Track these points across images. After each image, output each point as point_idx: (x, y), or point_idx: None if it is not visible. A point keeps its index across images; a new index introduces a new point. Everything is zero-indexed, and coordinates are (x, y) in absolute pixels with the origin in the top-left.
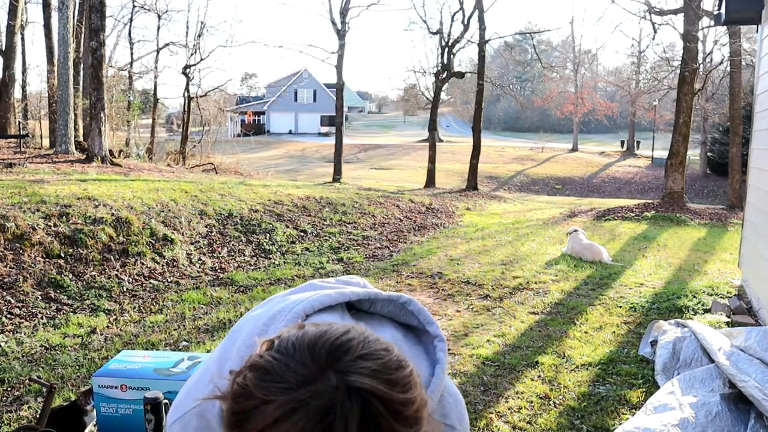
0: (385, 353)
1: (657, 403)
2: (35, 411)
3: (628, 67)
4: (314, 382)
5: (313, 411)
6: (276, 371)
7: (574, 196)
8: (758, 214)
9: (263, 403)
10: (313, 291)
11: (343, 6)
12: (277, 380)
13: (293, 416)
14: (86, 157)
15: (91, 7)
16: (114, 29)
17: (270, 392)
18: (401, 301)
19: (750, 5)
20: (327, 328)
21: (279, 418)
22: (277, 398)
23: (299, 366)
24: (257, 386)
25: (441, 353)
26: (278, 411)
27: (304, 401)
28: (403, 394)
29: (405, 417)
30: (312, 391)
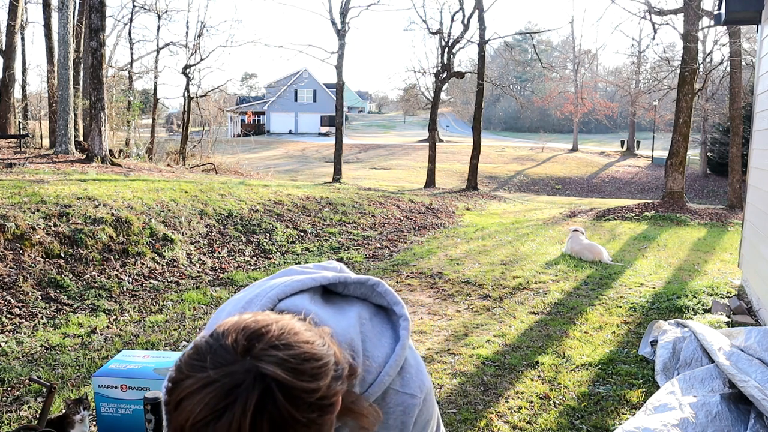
0: (302, 345)
1: (657, 403)
2: (35, 411)
3: (628, 67)
4: (230, 365)
5: (221, 389)
6: (203, 352)
7: (574, 196)
8: (758, 214)
9: (185, 378)
10: (289, 276)
11: (343, 6)
12: (201, 360)
13: (203, 390)
14: (86, 157)
15: (91, 7)
16: (114, 29)
17: (192, 369)
18: (370, 283)
19: (750, 5)
20: (258, 318)
21: (192, 392)
22: (195, 375)
23: (222, 349)
24: (186, 363)
25: (404, 331)
26: (193, 386)
27: (216, 380)
28: (307, 383)
29: (306, 403)
30: (225, 372)
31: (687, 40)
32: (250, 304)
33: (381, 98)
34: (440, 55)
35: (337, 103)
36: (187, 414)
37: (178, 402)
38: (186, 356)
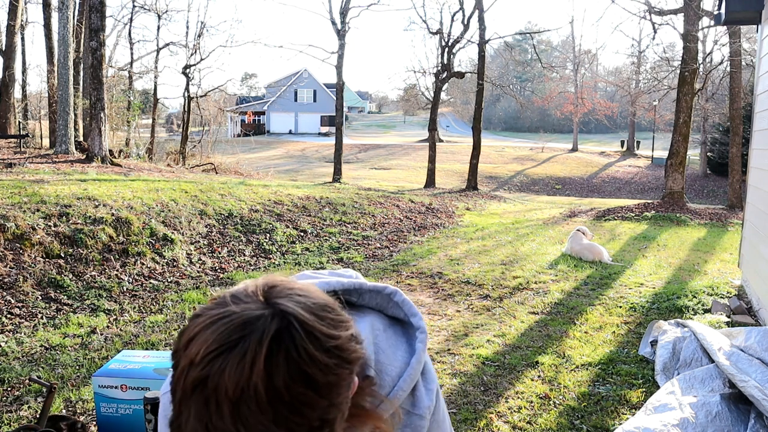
0: (324, 298)
1: (657, 403)
2: (35, 411)
3: (628, 67)
4: (247, 305)
5: (237, 319)
6: (222, 300)
7: (574, 196)
8: (758, 214)
9: (198, 316)
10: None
11: (343, 6)
12: (219, 303)
13: (217, 323)
14: (86, 157)
15: (91, 7)
16: (114, 29)
17: (208, 309)
18: (387, 292)
19: (750, 5)
20: (283, 277)
21: (205, 326)
22: (210, 312)
23: (242, 295)
24: (204, 307)
25: (420, 344)
26: (206, 320)
27: (231, 314)
28: (327, 328)
29: (323, 346)
30: (241, 308)
31: (687, 40)
32: None
33: (381, 98)
34: (440, 55)
35: (337, 103)
36: (197, 347)
37: (189, 339)
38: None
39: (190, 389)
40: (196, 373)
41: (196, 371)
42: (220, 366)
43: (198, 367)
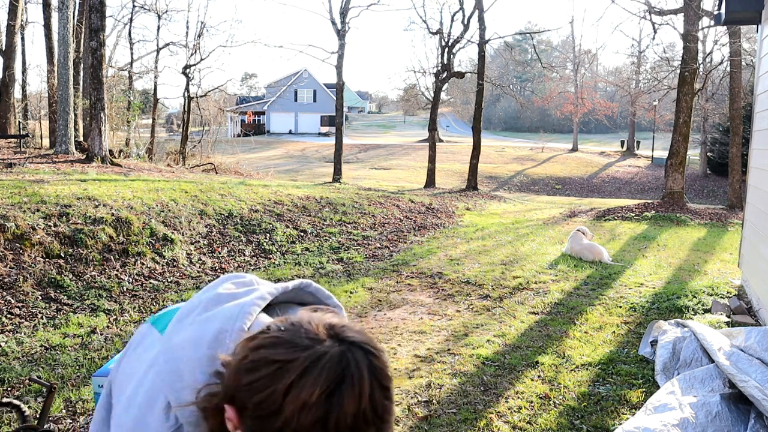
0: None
1: (657, 403)
2: (35, 411)
3: (628, 67)
4: (321, 343)
5: (332, 361)
6: (287, 340)
7: (574, 196)
8: (758, 214)
9: (287, 363)
10: (230, 302)
11: (343, 6)
12: (291, 345)
13: (314, 367)
14: (86, 157)
15: (91, 7)
16: (114, 29)
17: (289, 353)
18: (301, 287)
19: (750, 5)
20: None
21: (303, 371)
22: (298, 356)
23: (306, 333)
24: (273, 353)
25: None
26: (299, 367)
27: (321, 355)
28: (376, 344)
29: (384, 360)
30: (324, 348)
31: (687, 40)
32: (219, 342)
33: (381, 98)
34: (440, 55)
35: (337, 103)
36: (308, 391)
37: (287, 387)
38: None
39: (308, 427)
40: (314, 413)
41: (313, 412)
42: (338, 401)
43: (315, 408)
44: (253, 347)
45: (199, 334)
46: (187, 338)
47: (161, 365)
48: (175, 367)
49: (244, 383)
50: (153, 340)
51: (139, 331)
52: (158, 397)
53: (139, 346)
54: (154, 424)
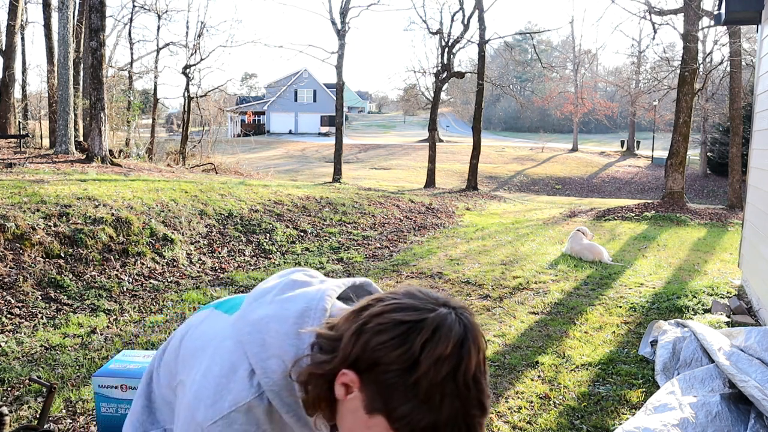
0: None
1: (657, 403)
2: (35, 411)
3: (628, 67)
4: (439, 307)
5: (459, 321)
6: (410, 305)
7: (574, 196)
8: (758, 214)
9: (417, 323)
10: (307, 287)
11: (343, 6)
12: (415, 309)
13: (444, 325)
14: (86, 157)
15: (91, 7)
16: (114, 29)
17: (417, 315)
18: (363, 284)
19: (750, 5)
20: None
21: (435, 329)
22: (426, 316)
23: (423, 300)
24: (401, 316)
25: None
26: (431, 326)
27: (446, 314)
28: None
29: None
30: (444, 310)
31: (687, 40)
32: (304, 319)
33: (381, 98)
34: (440, 55)
35: (337, 103)
36: (443, 345)
37: (424, 342)
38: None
39: (443, 377)
40: (448, 364)
41: (447, 363)
42: (465, 352)
43: (449, 360)
44: (375, 313)
45: (283, 311)
46: (271, 314)
47: (245, 336)
48: (260, 339)
49: (375, 344)
50: (218, 319)
51: (197, 316)
52: (241, 364)
53: (201, 325)
54: (237, 388)
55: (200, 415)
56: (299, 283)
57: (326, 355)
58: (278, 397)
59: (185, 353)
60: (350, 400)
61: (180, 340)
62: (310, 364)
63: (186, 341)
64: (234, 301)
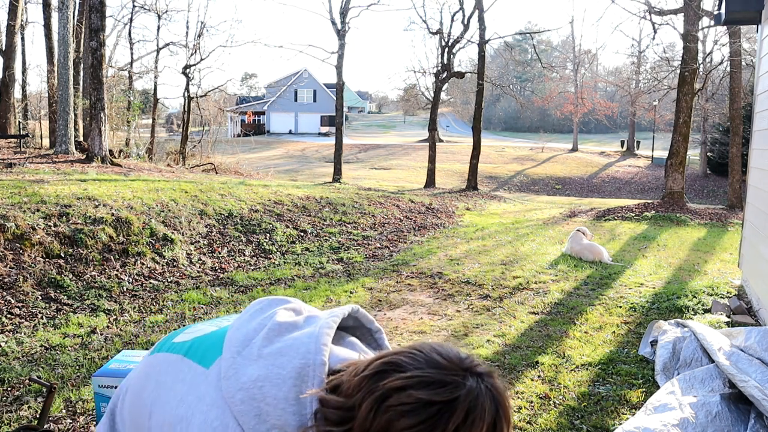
0: None
1: (657, 403)
2: (35, 411)
3: (628, 67)
4: (466, 379)
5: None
6: (437, 379)
7: (574, 196)
8: (758, 214)
9: (448, 403)
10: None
11: (343, 6)
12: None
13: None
14: (86, 157)
15: (91, 7)
16: (114, 29)
17: (446, 393)
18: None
19: (750, 5)
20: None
21: (470, 407)
22: (457, 395)
23: (447, 370)
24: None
25: (386, 342)
26: (466, 403)
27: (475, 390)
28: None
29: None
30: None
31: (687, 40)
32: (303, 379)
33: (381, 98)
34: (440, 55)
35: (337, 103)
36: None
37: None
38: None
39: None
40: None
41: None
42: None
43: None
44: (396, 387)
45: (277, 369)
46: (263, 376)
47: (237, 406)
48: (255, 408)
49: (401, 427)
50: (194, 376)
51: (163, 365)
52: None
53: (174, 385)
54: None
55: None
56: (286, 326)
57: (337, 428)
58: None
59: (162, 421)
60: None
61: (151, 400)
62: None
63: (158, 407)
64: (205, 342)
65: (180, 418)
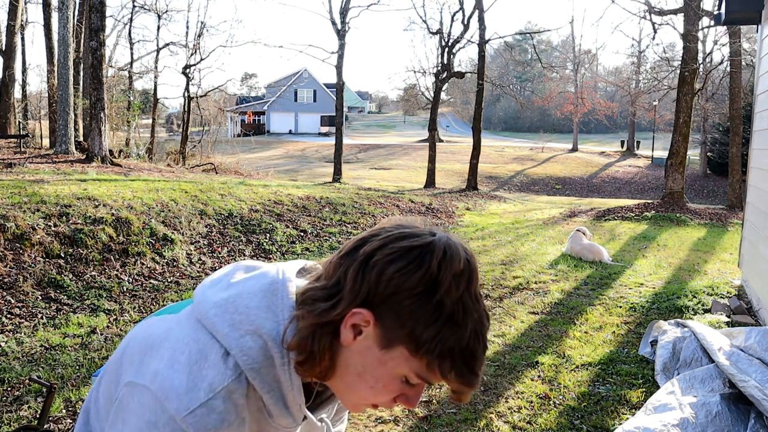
0: None
1: (657, 403)
2: (35, 411)
3: (628, 67)
4: (435, 233)
5: (455, 240)
6: (412, 233)
7: (574, 196)
8: (758, 214)
9: (426, 246)
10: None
11: (343, 6)
12: (418, 235)
13: (450, 245)
14: (86, 157)
15: (91, 7)
16: (114, 29)
17: (423, 240)
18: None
19: (750, 5)
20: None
21: (446, 247)
22: (432, 240)
23: (418, 227)
24: (408, 243)
25: None
26: (442, 245)
27: (446, 236)
28: None
29: None
30: (441, 234)
31: (687, 40)
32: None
33: (381, 98)
34: (440, 55)
35: (337, 103)
36: (456, 263)
37: (439, 262)
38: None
39: (462, 292)
40: (464, 279)
41: (464, 277)
42: (473, 266)
43: (464, 275)
44: (377, 246)
45: (247, 288)
46: (234, 294)
47: (210, 319)
48: (228, 319)
49: (391, 273)
50: (165, 319)
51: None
52: (211, 348)
53: (146, 329)
54: (212, 373)
55: (173, 406)
56: (252, 266)
57: (325, 303)
58: (259, 376)
59: (131, 355)
60: (359, 342)
61: (121, 354)
62: (313, 315)
63: (129, 348)
64: (176, 306)
65: (150, 346)
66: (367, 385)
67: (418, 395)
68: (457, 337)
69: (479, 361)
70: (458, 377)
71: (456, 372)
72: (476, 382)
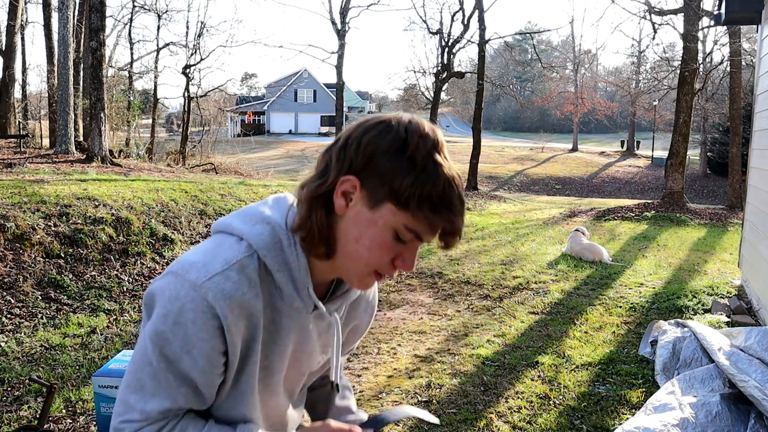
0: None
1: (657, 403)
2: (35, 411)
3: (628, 67)
4: (410, 118)
5: (419, 121)
6: (378, 114)
7: (574, 196)
8: (758, 214)
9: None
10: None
11: (343, 6)
12: (384, 114)
13: (411, 122)
14: (86, 157)
15: (91, 7)
16: (114, 29)
17: (390, 114)
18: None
19: (750, 5)
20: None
21: (411, 118)
22: (399, 112)
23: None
24: (377, 117)
25: None
26: (408, 115)
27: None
28: None
29: None
30: (409, 116)
31: (687, 40)
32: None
33: (381, 98)
34: (440, 55)
35: (337, 103)
36: (419, 129)
37: (406, 130)
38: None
39: (429, 149)
40: (430, 139)
41: (429, 138)
42: (438, 134)
43: (429, 136)
44: (353, 127)
45: (256, 203)
46: (245, 207)
47: (220, 227)
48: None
49: (366, 141)
50: None
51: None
52: (227, 238)
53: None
54: (227, 252)
55: (192, 276)
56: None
57: (319, 180)
58: (270, 254)
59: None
60: (351, 208)
61: None
62: (308, 193)
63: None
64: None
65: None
66: (364, 247)
67: (413, 256)
68: (432, 183)
69: (456, 207)
70: (441, 220)
71: (437, 214)
72: (458, 224)
